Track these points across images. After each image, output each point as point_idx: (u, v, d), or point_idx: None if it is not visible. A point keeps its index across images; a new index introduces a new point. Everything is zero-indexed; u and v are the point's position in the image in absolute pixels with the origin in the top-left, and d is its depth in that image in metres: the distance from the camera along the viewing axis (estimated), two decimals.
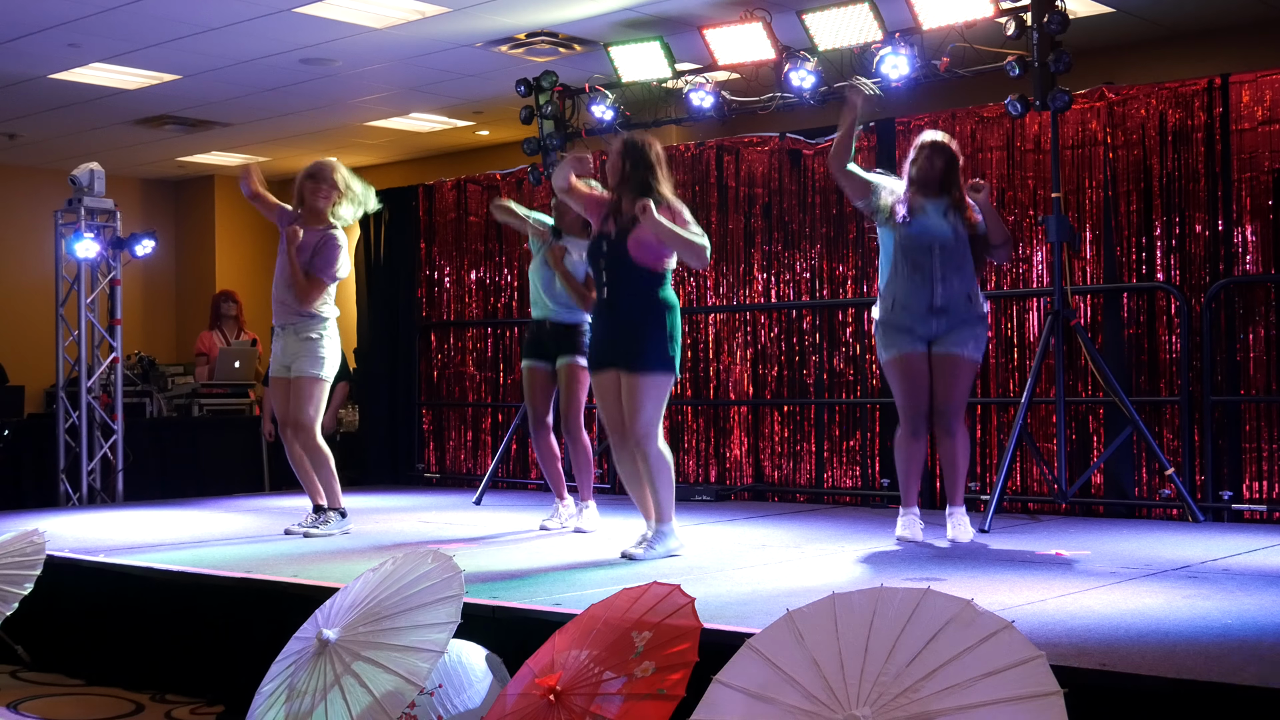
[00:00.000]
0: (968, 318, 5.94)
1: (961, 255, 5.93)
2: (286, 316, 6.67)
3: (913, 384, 5.97)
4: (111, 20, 8.43)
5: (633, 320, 5.57)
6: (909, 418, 6.02)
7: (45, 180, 12.73)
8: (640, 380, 5.54)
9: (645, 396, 5.53)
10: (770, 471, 8.58)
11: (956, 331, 5.93)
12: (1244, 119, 7.05)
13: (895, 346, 5.97)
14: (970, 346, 5.96)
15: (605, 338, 5.69)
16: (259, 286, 13.60)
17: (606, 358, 5.66)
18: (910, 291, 5.91)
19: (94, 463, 9.16)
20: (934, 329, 5.93)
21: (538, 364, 6.87)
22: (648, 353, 5.55)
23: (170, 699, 5.09)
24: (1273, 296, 6.99)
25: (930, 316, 5.90)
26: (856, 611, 2.95)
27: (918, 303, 5.90)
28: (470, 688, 3.79)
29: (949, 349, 5.94)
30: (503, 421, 9.87)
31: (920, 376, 5.96)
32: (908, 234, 5.91)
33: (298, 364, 6.61)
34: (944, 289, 5.89)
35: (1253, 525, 6.74)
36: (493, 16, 8.50)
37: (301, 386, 6.60)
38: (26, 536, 5.59)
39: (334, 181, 6.65)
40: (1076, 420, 7.46)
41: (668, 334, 5.57)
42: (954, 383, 5.96)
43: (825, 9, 7.59)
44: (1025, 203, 7.68)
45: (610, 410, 5.68)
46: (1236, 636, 3.71)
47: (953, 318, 5.91)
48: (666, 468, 5.59)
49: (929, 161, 5.98)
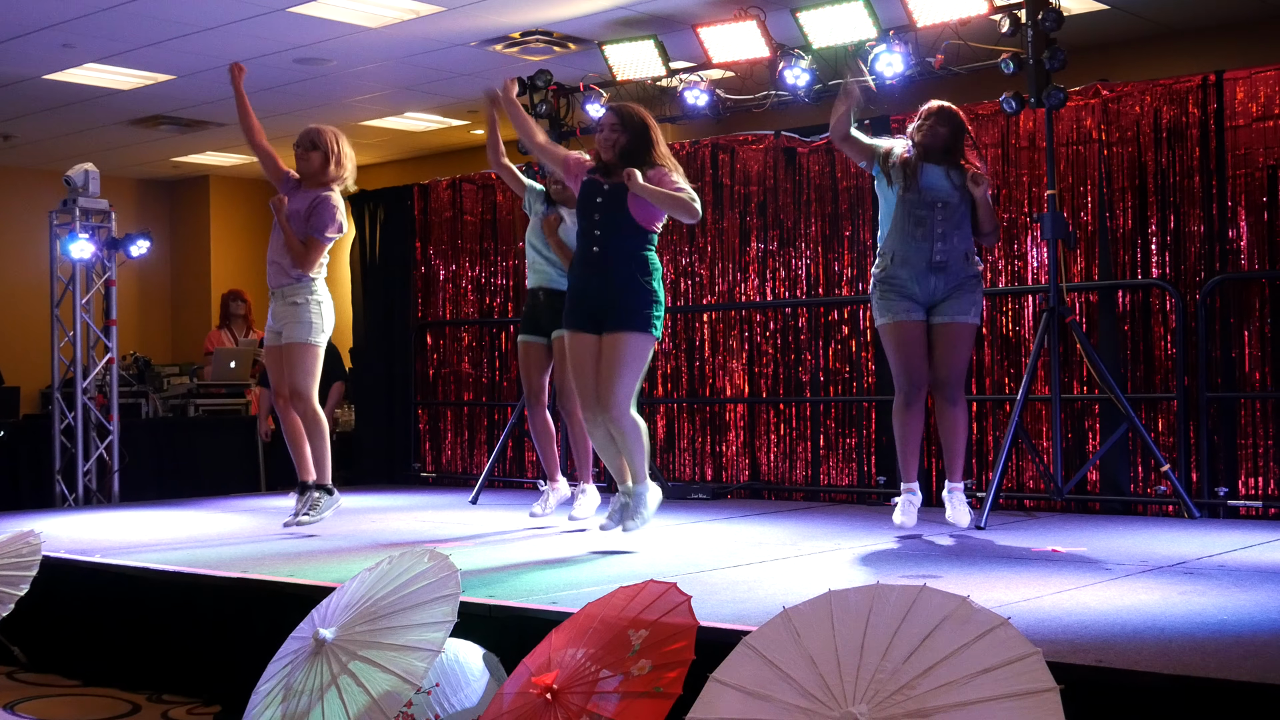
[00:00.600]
0: (965, 278, 5.96)
1: (961, 214, 5.98)
2: (278, 279, 6.66)
3: (908, 353, 5.96)
4: (105, 20, 8.43)
5: (621, 276, 5.51)
6: (904, 386, 6.01)
7: (40, 181, 12.73)
8: (625, 339, 5.45)
9: (629, 358, 5.44)
10: (766, 470, 8.58)
11: (955, 297, 5.95)
12: (1238, 115, 7.06)
13: (891, 312, 5.96)
14: (971, 312, 5.99)
15: (588, 292, 5.57)
16: (254, 286, 13.60)
17: (587, 316, 5.56)
18: (910, 246, 5.92)
19: (90, 463, 9.16)
20: (933, 288, 5.94)
21: (533, 339, 6.80)
22: (635, 310, 5.48)
23: (167, 699, 5.09)
24: (1268, 293, 6.99)
25: (929, 273, 5.92)
26: (853, 609, 2.95)
27: (917, 257, 5.91)
28: (467, 687, 3.79)
29: (950, 317, 5.95)
30: (499, 420, 9.86)
31: (916, 344, 5.95)
32: (910, 189, 5.93)
33: (289, 330, 6.59)
34: (944, 245, 5.92)
35: (1249, 521, 6.75)
36: (487, 15, 8.50)
37: (294, 352, 6.56)
38: (22, 537, 5.58)
39: (316, 143, 6.66)
40: (1072, 417, 7.46)
41: (655, 295, 5.52)
42: (956, 351, 5.97)
43: (819, 7, 7.60)
44: (1020, 200, 7.69)
45: (585, 377, 5.58)
46: (1232, 632, 3.72)
47: (950, 276, 5.94)
48: (640, 433, 5.56)
49: (933, 129, 6.02)
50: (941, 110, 6.07)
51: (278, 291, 6.67)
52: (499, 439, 9.05)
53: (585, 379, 5.60)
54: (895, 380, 6.08)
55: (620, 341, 5.46)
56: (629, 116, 5.67)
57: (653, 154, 5.59)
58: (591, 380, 5.57)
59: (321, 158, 6.66)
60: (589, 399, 5.61)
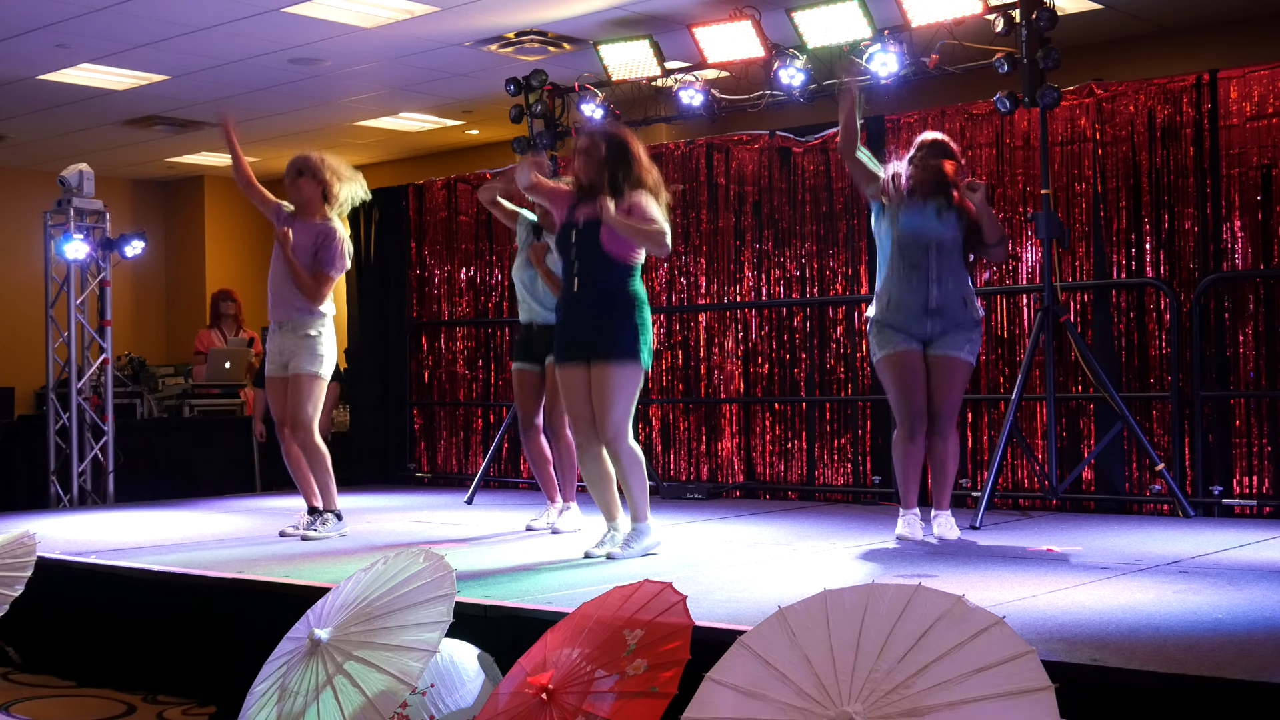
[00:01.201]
0: (963, 321, 5.89)
1: (957, 258, 5.90)
2: (285, 312, 6.56)
3: (908, 382, 5.89)
4: (100, 21, 8.42)
5: (604, 311, 5.50)
6: (905, 419, 5.92)
7: (34, 181, 12.72)
8: (612, 370, 5.46)
9: (617, 388, 5.45)
10: (762, 469, 8.59)
11: (953, 334, 5.88)
12: (1232, 115, 7.06)
13: (889, 344, 5.90)
14: (966, 349, 5.92)
15: (574, 328, 5.58)
16: (249, 286, 13.61)
17: (575, 350, 5.56)
18: (906, 291, 5.86)
19: (85, 464, 9.15)
20: (929, 330, 5.88)
21: (527, 366, 6.81)
22: (620, 342, 5.47)
23: (162, 700, 5.09)
24: (1262, 292, 7.00)
25: (925, 318, 5.86)
26: (848, 608, 2.96)
27: (913, 302, 5.85)
28: (462, 687, 3.79)
29: (945, 351, 5.88)
30: (494, 421, 9.87)
31: (916, 373, 5.88)
32: (904, 232, 5.86)
33: (296, 361, 6.53)
34: (939, 290, 5.84)
35: (1243, 520, 6.75)
36: (482, 16, 8.50)
37: (300, 384, 6.52)
38: (17, 539, 5.57)
39: (309, 171, 6.58)
40: (1067, 416, 7.47)
41: (638, 326, 5.51)
42: (950, 386, 5.91)
43: (814, 7, 7.60)
44: (1015, 199, 7.69)
45: (578, 406, 5.59)
46: (1227, 631, 3.72)
47: (948, 320, 5.87)
48: (639, 465, 5.55)
49: (924, 162, 5.92)
50: (935, 143, 5.98)
51: (286, 324, 6.55)
52: (494, 439, 9.05)
53: (578, 410, 5.61)
54: (896, 413, 5.99)
55: (609, 373, 5.47)
56: (604, 137, 5.64)
57: (632, 176, 5.55)
58: (585, 411, 5.58)
59: (311, 184, 6.57)
60: (583, 426, 5.61)
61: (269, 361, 6.67)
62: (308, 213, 6.56)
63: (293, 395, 6.53)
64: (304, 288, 6.49)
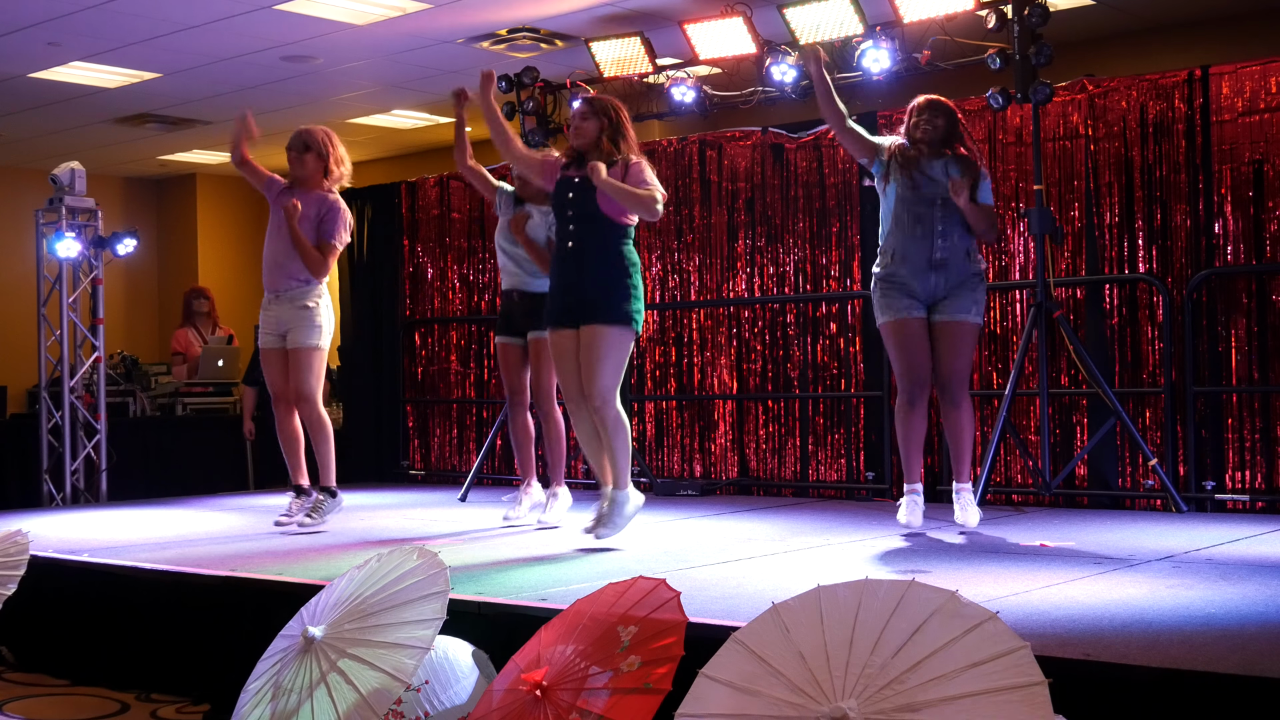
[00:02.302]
0: (966, 276, 5.92)
1: (958, 214, 5.93)
2: (284, 283, 6.57)
3: (910, 350, 5.89)
4: (91, 19, 8.40)
5: (598, 272, 5.52)
6: (906, 385, 5.95)
7: (26, 180, 12.69)
8: (603, 332, 5.47)
9: (608, 350, 5.46)
10: (755, 465, 8.59)
11: (956, 295, 5.90)
12: (1224, 110, 7.08)
13: (892, 310, 5.90)
14: (972, 311, 5.93)
15: (567, 290, 5.57)
16: (241, 284, 13.60)
17: (568, 313, 5.56)
18: (911, 244, 5.88)
19: (77, 463, 9.14)
20: (934, 286, 5.89)
21: (510, 340, 6.73)
22: (613, 304, 5.49)
23: (155, 698, 5.08)
24: (1254, 287, 7.02)
25: (930, 271, 5.87)
26: (841, 604, 2.96)
27: (918, 255, 5.87)
28: (456, 684, 3.79)
29: (952, 315, 5.89)
30: (487, 418, 9.86)
31: (919, 341, 5.89)
32: (910, 187, 5.89)
33: (295, 334, 6.55)
34: (944, 243, 5.87)
35: (1236, 515, 6.77)
36: (474, 13, 8.49)
37: (301, 357, 6.54)
38: (10, 537, 5.56)
39: (316, 147, 6.65)
40: (1060, 412, 7.48)
41: (632, 288, 5.53)
42: (958, 350, 5.90)
43: (806, 3, 7.60)
44: (1007, 195, 7.70)
45: (569, 372, 5.60)
46: (1220, 626, 3.73)
47: (951, 274, 5.89)
48: (625, 431, 5.56)
49: (931, 123, 5.97)
50: (934, 103, 6.04)
51: (283, 294, 6.57)
52: (488, 436, 9.04)
53: (568, 374, 5.62)
54: (898, 380, 6.02)
55: (598, 334, 5.48)
56: (600, 105, 5.72)
57: (623, 143, 5.63)
58: (574, 375, 5.59)
59: (316, 159, 6.65)
60: (573, 393, 5.63)
61: (264, 332, 6.70)
62: (308, 186, 6.62)
63: (295, 369, 6.56)
64: (310, 261, 6.50)
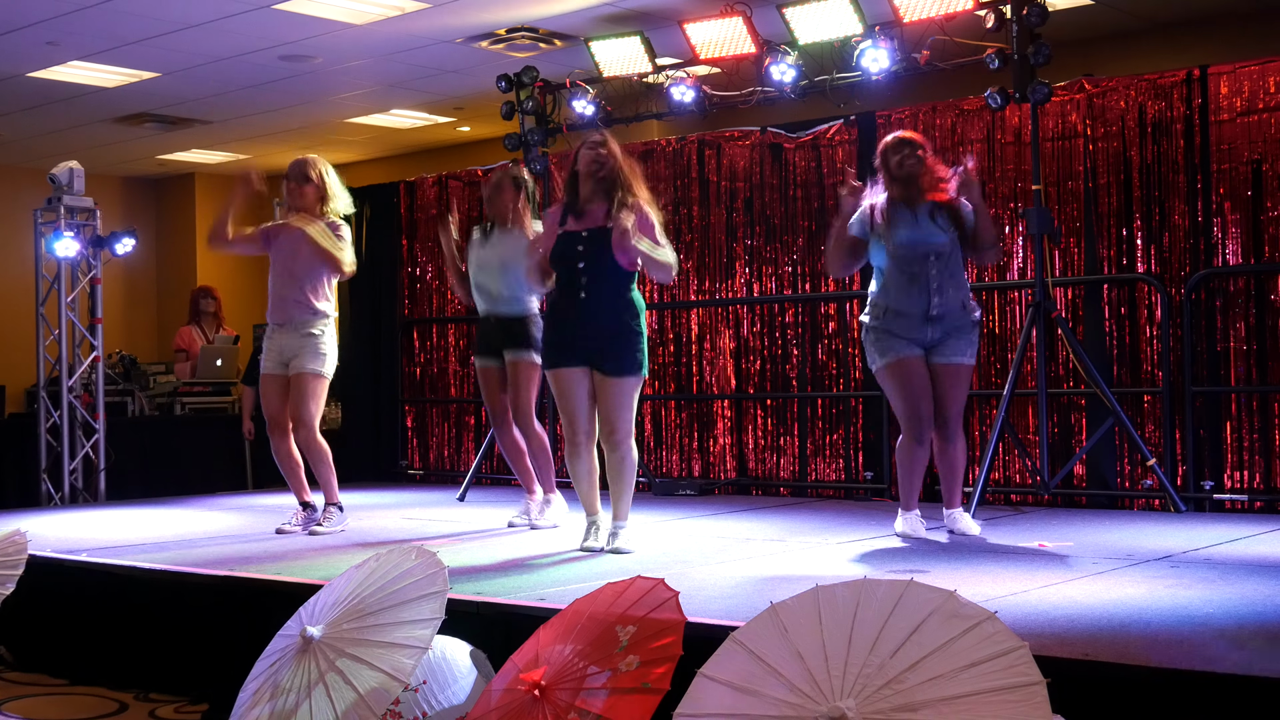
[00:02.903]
0: (963, 325, 5.77)
1: (956, 263, 5.76)
2: (287, 314, 6.63)
3: (912, 388, 5.72)
4: (90, 18, 8.40)
5: (614, 322, 5.60)
6: (912, 424, 5.76)
7: (24, 179, 12.68)
8: (625, 383, 5.59)
9: (629, 398, 5.60)
10: (754, 465, 8.59)
11: (954, 339, 5.75)
12: (1223, 110, 7.08)
13: (892, 351, 5.72)
14: (969, 354, 5.81)
15: (581, 337, 5.60)
16: (240, 284, 13.60)
17: (579, 356, 5.61)
18: (906, 301, 5.69)
19: (76, 462, 9.13)
20: (930, 336, 5.72)
21: (489, 363, 6.79)
22: (630, 355, 5.59)
23: (154, 698, 5.08)
24: (1252, 287, 7.02)
25: (926, 325, 5.69)
26: (840, 604, 2.96)
27: (914, 310, 5.68)
28: (455, 684, 3.79)
29: (949, 358, 5.75)
30: (485, 418, 9.85)
31: (920, 379, 5.72)
32: (900, 245, 5.67)
33: (299, 360, 6.59)
34: (940, 299, 5.67)
35: (1234, 515, 6.77)
36: (473, 12, 8.49)
37: (305, 383, 6.57)
38: (9, 537, 5.56)
39: (315, 179, 6.67)
40: (1058, 412, 7.48)
41: (641, 334, 5.65)
42: (956, 391, 5.79)
43: (806, 3, 7.59)
44: (1006, 195, 7.70)
45: (576, 407, 5.64)
46: (1218, 625, 3.73)
47: (948, 325, 5.73)
48: (635, 468, 5.71)
49: (902, 161, 5.76)
50: (904, 140, 5.80)
51: (290, 324, 6.63)
52: (486, 436, 9.04)
53: (576, 410, 5.67)
54: (902, 420, 5.81)
55: (620, 386, 5.59)
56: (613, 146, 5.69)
57: (634, 189, 5.61)
58: (583, 413, 5.66)
59: (315, 191, 6.67)
60: (580, 427, 5.67)
61: (266, 359, 6.71)
62: (302, 218, 6.64)
63: (296, 394, 6.58)
64: (329, 257, 6.57)
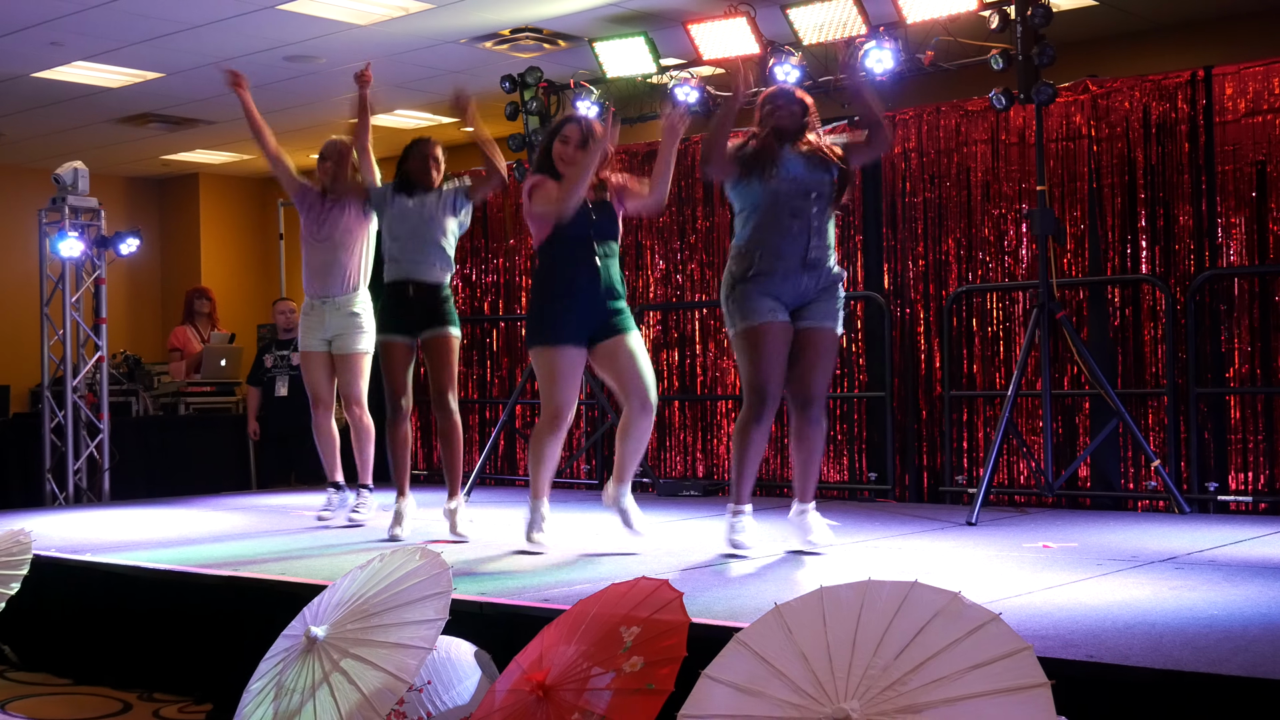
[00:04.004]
0: (833, 280, 5.39)
1: (829, 208, 5.39)
2: (336, 288, 6.78)
3: (774, 359, 5.28)
4: (94, 18, 8.40)
5: (619, 284, 5.66)
6: (761, 400, 5.27)
7: (29, 179, 12.69)
8: (638, 336, 5.65)
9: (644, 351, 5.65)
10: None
11: (824, 300, 5.37)
12: (1227, 111, 7.07)
13: (756, 313, 5.26)
14: (839, 319, 5.43)
15: (592, 310, 5.55)
16: (243, 284, 13.62)
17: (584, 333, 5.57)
18: (785, 240, 5.28)
19: (80, 462, 9.14)
20: (803, 288, 5.32)
21: (399, 338, 6.37)
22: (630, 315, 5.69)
23: (158, 698, 5.09)
24: (1257, 288, 7.01)
25: (803, 272, 5.30)
26: (844, 605, 2.96)
27: (792, 253, 5.28)
28: (459, 684, 3.79)
29: (820, 321, 5.35)
30: (489, 418, 9.86)
31: (781, 352, 5.30)
32: (784, 179, 5.32)
33: (345, 341, 6.77)
34: (819, 240, 5.31)
35: (1238, 516, 6.76)
36: (477, 13, 8.49)
37: (352, 362, 6.80)
38: (13, 536, 5.57)
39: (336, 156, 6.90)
40: (1063, 413, 7.48)
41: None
42: (825, 362, 5.42)
43: (809, 3, 7.59)
44: (1010, 196, 7.70)
45: (573, 390, 5.65)
46: (1222, 627, 3.73)
47: (821, 278, 5.35)
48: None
49: (788, 110, 5.43)
50: (786, 91, 5.60)
51: (333, 300, 6.78)
52: (490, 436, 9.05)
53: (572, 393, 5.67)
54: (754, 394, 5.30)
55: (639, 338, 5.64)
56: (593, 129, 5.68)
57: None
58: (576, 396, 5.71)
59: (350, 171, 6.87)
60: (570, 411, 5.67)
61: (308, 335, 6.88)
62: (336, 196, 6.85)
63: (348, 374, 6.79)
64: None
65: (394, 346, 6.37)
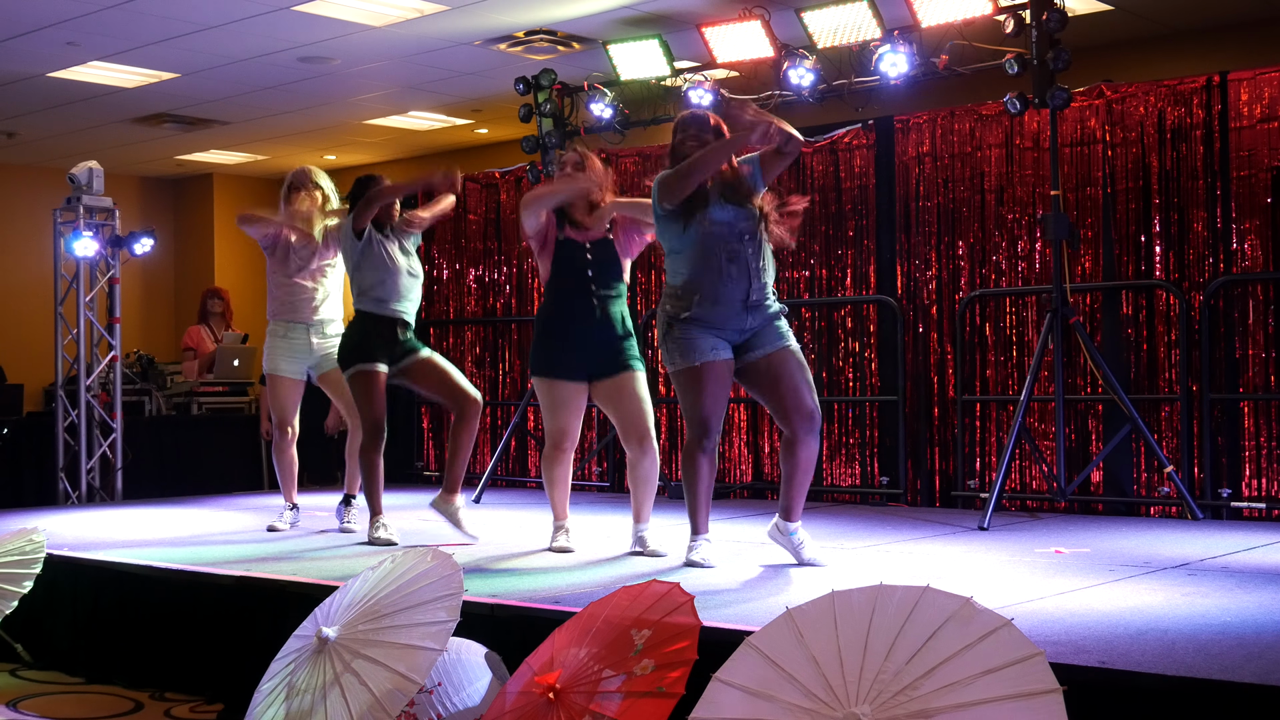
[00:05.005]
0: (773, 315, 5.18)
1: (765, 245, 5.17)
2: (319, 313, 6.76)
3: (718, 396, 5.14)
4: (110, 19, 8.43)
5: (621, 325, 5.70)
6: (704, 431, 5.13)
7: (44, 179, 12.74)
8: (642, 376, 5.67)
9: (646, 393, 5.66)
10: (769, 470, 8.58)
11: (767, 329, 5.17)
12: (1242, 117, 7.06)
13: (696, 351, 5.08)
14: (791, 337, 5.21)
15: (589, 345, 5.62)
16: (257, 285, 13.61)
17: (582, 369, 5.64)
18: (723, 285, 5.07)
19: (93, 461, 9.16)
20: (747, 325, 5.13)
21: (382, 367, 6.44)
22: (636, 351, 5.72)
23: (170, 697, 5.10)
24: (1271, 294, 6.99)
25: (745, 313, 5.11)
26: (856, 609, 2.95)
27: (731, 296, 5.08)
28: (469, 686, 3.79)
29: (773, 345, 5.16)
30: (501, 420, 9.87)
31: (726, 386, 5.16)
32: (716, 222, 5.08)
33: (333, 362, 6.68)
34: (759, 282, 5.12)
35: (1252, 523, 6.74)
36: (491, 14, 8.50)
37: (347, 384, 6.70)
38: (26, 535, 5.59)
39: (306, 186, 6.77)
40: (1076, 418, 7.46)
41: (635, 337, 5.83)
42: (802, 375, 5.16)
43: (824, 7, 7.59)
44: (1024, 200, 7.69)
45: (573, 419, 5.67)
46: (1235, 634, 3.72)
47: (762, 316, 5.15)
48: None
49: (702, 141, 5.15)
50: (696, 116, 5.32)
51: (315, 325, 6.78)
52: (502, 438, 9.05)
53: (573, 422, 5.70)
54: (699, 426, 5.13)
55: (641, 379, 5.66)
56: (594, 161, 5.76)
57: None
58: (578, 425, 5.72)
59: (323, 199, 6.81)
60: (572, 439, 5.72)
61: (286, 360, 6.79)
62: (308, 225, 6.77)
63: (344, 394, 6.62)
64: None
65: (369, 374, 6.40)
